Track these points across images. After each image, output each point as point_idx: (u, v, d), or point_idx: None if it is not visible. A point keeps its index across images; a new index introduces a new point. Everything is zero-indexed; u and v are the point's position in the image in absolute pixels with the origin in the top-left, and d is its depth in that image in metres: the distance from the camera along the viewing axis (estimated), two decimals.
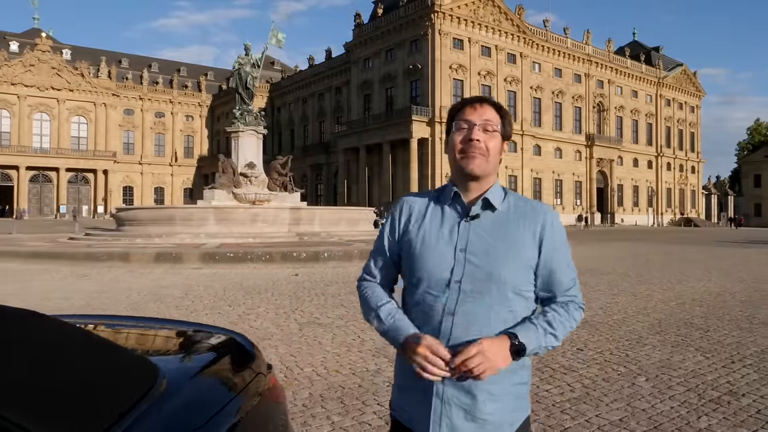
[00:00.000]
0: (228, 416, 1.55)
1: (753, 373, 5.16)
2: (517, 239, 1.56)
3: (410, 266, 1.62)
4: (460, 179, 1.63)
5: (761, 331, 7.02)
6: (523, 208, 1.61)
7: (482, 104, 1.64)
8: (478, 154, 1.58)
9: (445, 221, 1.60)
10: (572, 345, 6.15)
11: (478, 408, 1.52)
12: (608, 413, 4.08)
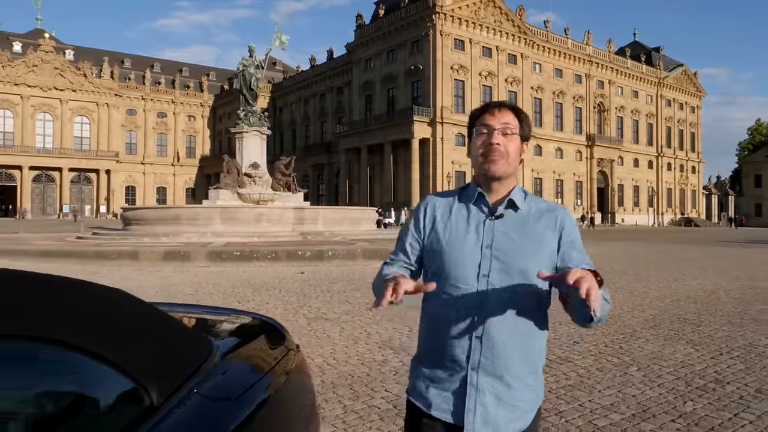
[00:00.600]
0: (267, 383, 1.86)
1: (739, 364, 5.46)
2: (540, 235, 1.65)
3: (438, 262, 1.68)
4: (484, 181, 1.71)
5: (751, 326, 7.31)
6: (541, 208, 1.71)
7: (501, 109, 1.72)
8: (498, 158, 1.66)
9: (470, 219, 1.68)
10: (569, 338, 6.45)
11: (511, 393, 1.60)
12: (600, 399, 4.38)
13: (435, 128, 53.01)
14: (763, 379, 4.96)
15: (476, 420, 1.59)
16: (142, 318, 1.54)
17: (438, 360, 1.66)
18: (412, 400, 1.72)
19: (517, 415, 1.62)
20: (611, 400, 4.36)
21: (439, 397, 1.66)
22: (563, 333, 6.76)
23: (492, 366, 1.61)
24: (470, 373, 1.61)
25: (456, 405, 1.63)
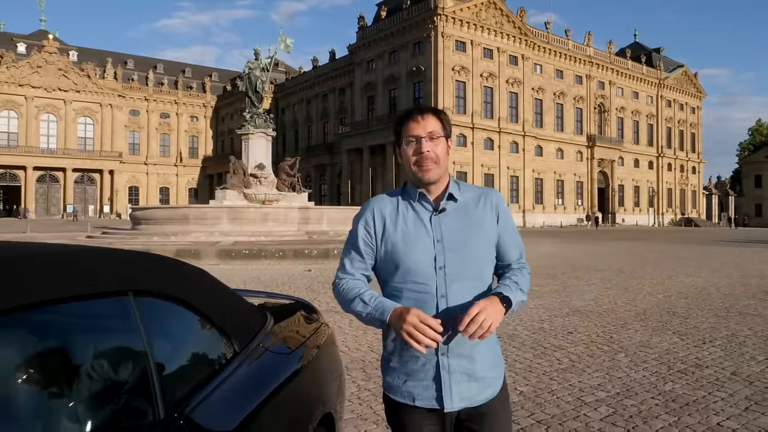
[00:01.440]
0: (308, 345, 2.32)
1: (719, 351, 5.92)
2: (481, 218, 1.80)
3: (394, 261, 1.75)
4: (420, 185, 1.80)
5: (735, 319, 7.77)
6: (477, 193, 1.85)
7: (423, 115, 1.80)
8: (432, 165, 1.76)
9: (418, 217, 1.77)
10: (563, 329, 6.91)
11: (477, 370, 1.75)
12: (589, 380, 4.84)
13: None
14: (740, 364, 5.42)
15: (453, 399, 1.73)
16: (223, 291, 2.00)
17: (408, 354, 1.73)
18: (392, 396, 1.79)
19: (485, 385, 1.77)
20: (599, 381, 4.82)
21: (419, 387, 1.74)
22: (558, 325, 7.22)
23: (459, 347, 1.72)
24: (441, 359, 1.71)
25: (435, 390, 1.73)
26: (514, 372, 5.02)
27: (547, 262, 16.23)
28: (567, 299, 9.34)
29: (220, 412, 1.53)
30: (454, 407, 1.73)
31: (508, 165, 58.74)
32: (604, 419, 3.92)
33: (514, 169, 59.52)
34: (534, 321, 7.40)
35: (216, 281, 1.99)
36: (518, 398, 4.30)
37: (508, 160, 58.93)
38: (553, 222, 60.99)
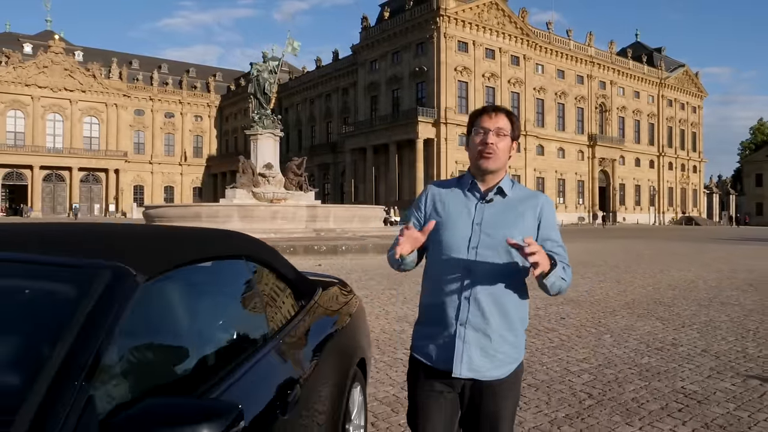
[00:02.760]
0: (347, 309, 3.02)
1: (696, 333, 6.60)
2: (522, 213, 1.96)
3: (436, 235, 1.95)
4: (478, 173, 1.99)
5: (716, 307, 8.45)
6: (526, 193, 2.03)
7: (497, 113, 1.99)
8: (492, 156, 1.95)
9: (465, 202, 1.97)
10: (557, 315, 7.60)
11: (492, 345, 1.90)
12: (576, 355, 5.54)
13: (439, 129, 54.14)
14: (711, 343, 6.11)
15: (462, 367, 1.89)
16: (290, 264, 2.70)
17: (435, 319, 1.94)
18: (417, 356, 2.01)
19: (496, 365, 1.91)
20: (584, 355, 5.52)
21: (436, 350, 1.93)
22: (552, 312, 7.91)
23: (478, 322, 1.88)
24: (459, 329, 1.89)
25: (446, 354, 1.91)
26: None
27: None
28: None
29: (301, 340, 2.23)
30: (462, 374, 1.89)
31: (509, 164, 58.91)
32: (585, 384, 4.61)
33: (516, 168, 60.13)
34: (530, 308, 8.06)
35: (284, 258, 2.68)
36: None
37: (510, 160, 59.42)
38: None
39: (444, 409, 1.96)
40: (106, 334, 1.20)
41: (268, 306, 2.19)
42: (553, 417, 3.86)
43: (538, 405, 4.11)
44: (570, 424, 3.74)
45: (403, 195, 56.52)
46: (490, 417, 1.93)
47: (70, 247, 1.60)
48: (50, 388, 1.04)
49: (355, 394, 2.85)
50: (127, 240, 1.77)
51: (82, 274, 1.34)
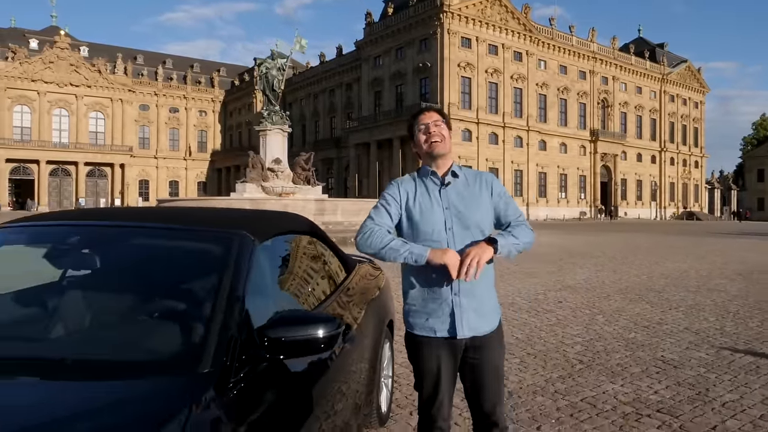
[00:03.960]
0: (378, 280, 3.68)
1: (681, 315, 7.25)
2: (478, 194, 2.30)
3: (415, 225, 2.26)
4: (431, 161, 2.32)
5: (703, 293, 9.09)
6: (474, 175, 2.38)
7: (429, 111, 2.38)
8: (439, 139, 2.29)
9: (430, 191, 2.28)
10: (555, 299, 8.26)
11: (482, 306, 2.27)
12: (570, 331, 6.19)
13: None
14: (693, 322, 6.76)
15: (464, 328, 2.23)
16: (334, 242, 3.35)
17: (430, 297, 2.24)
18: (417, 332, 2.27)
19: (487, 320, 2.29)
20: (578, 331, 6.18)
21: (438, 322, 2.24)
22: (551, 296, 8.56)
23: (468, 289, 2.22)
24: (454, 298, 2.22)
25: (450, 323, 2.23)
26: (512, 326, 6.36)
27: (546, 250, 17.54)
28: (561, 278, 10.69)
29: (351, 299, 2.90)
30: (465, 335, 2.23)
31: (512, 159, 59.94)
32: (577, 353, 5.27)
33: (518, 163, 60.70)
34: (530, 294, 8.75)
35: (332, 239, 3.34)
36: (515, 341, 5.65)
37: (512, 155, 60.12)
38: (556, 215, 62.17)
39: (449, 369, 2.28)
40: (246, 272, 1.87)
41: (328, 270, 2.85)
42: (548, 377, 4.52)
43: (536, 368, 4.77)
44: (562, 382, 4.40)
45: None
46: (490, 367, 2.28)
47: (211, 221, 2.28)
48: (226, 305, 1.69)
49: (386, 348, 3.52)
50: (240, 218, 2.42)
51: (225, 238, 2.00)
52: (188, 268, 2.04)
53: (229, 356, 1.54)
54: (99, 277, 2.09)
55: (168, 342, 1.68)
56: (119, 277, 2.06)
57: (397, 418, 3.65)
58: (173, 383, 1.41)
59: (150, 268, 2.05)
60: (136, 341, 1.73)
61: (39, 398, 1.33)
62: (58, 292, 2.08)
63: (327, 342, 1.67)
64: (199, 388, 1.41)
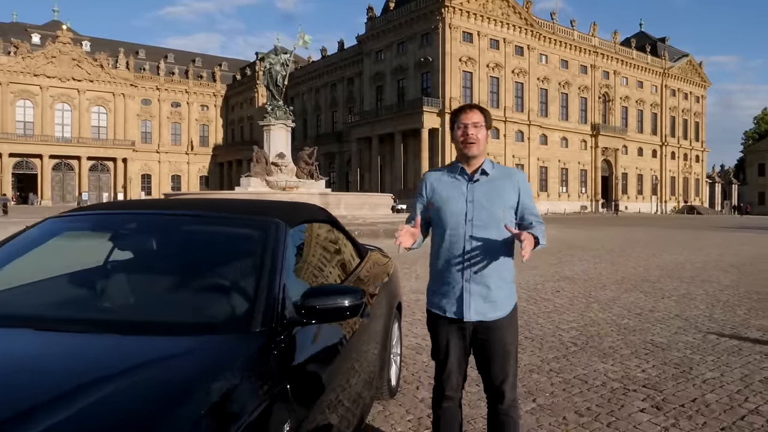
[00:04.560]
0: (387, 267, 4.02)
1: (672, 303, 7.59)
2: (504, 190, 2.45)
3: (439, 215, 2.46)
4: (463, 159, 2.47)
5: (696, 284, 9.43)
6: (505, 172, 2.53)
7: (471, 110, 2.48)
8: (473, 143, 2.43)
9: (457, 185, 2.46)
10: (553, 289, 8.60)
11: (491, 294, 2.43)
12: (566, 317, 6.54)
13: (444, 119, 54.85)
14: (684, 310, 7.10)
15: (471, 313, 2.43)
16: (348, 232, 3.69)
17: (444, 280, 2.47)
18: (433, 310, 2.55)
19: (496, 307, 2.46)
20: (573, 318, 6.52)
21: (448, 303, 2.46)
22: (549, 287, 8.91)
23: (478, 278, 2.41)
24: (464, 284, 2.42)
25: (458, 306, 2.44)
26: None
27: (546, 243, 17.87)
28: (559, 270, 11.03)
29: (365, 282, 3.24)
30: (471, 318, 2.43)
31: (513, 153, 60.18)
32: (572, 337, 5.62)
33: (519, 157, 60.93)
34: (530, 284, 9.09)
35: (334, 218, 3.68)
36: None
37: (514, 149, 60.37)
38: (557, 209, 62.46)
39: (458, 346, 2.50)
40: (282, 253, 2.21)
41: (345, 254, 3.19)
42: (544, 357, 4.87)
43: (533, 350, 5.11)
44: (557, 362, 4.75)
45: (408, 184, 57.43)
46: (498, 349, 2.47)
47: (249, 210, 2.63)
48: (268, 286, 2.02)
49: (395, 328, 3.86)
50: (273, 207, 2.76)
51: (264, 224, 2.34)
52: (235, 249, 2.39)
53: (274, 320, 1.89)
54: (164, 258, 2.46)
55: (228, 308, 2.04)
56: (181, 257, 2.43)
57: (405, 392, 3.99)
58: (235, 338, 1.76)
59: (205, 249, 2.41)
60: (205, 307, 2.09)
61: (144, 348, 1.69)
62: (134, 270, 2.45)
63: (352, 310, 2.01)
64: (254, 342, 1.76)
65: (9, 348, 1.73)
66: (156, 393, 1.42)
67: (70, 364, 1.59)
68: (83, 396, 1.37)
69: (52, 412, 1.30)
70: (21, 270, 2.36)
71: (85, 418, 1.30)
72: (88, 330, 1.85)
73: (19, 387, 1.45)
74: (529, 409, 3.64)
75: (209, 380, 1.51)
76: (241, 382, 1.58)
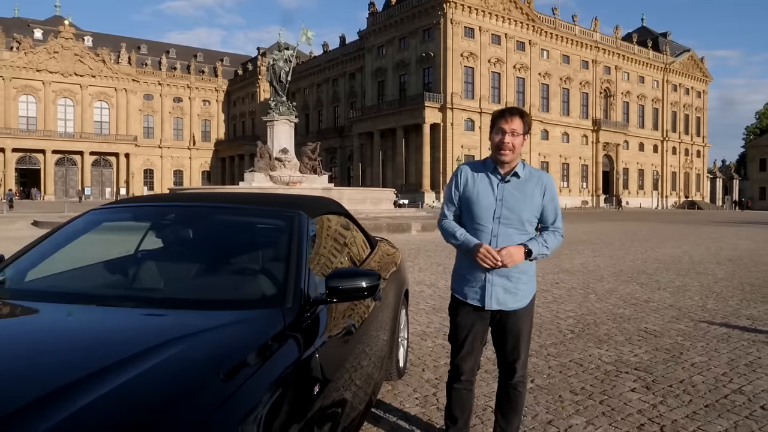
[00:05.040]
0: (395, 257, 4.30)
1: (667, 294, 7.86)
2: (531, 192, 2.61)
3: (469, 208, 2.62)
4: (498, 162, 2.61)
5: (692, 276, 9.70)
6: (534, 174, 2.66)
7: (512, 116, 2.56)
8: (508, 152, 2.55)
9: (489, 182, 2.60)
10: (552, 281, 8.87)
11: (513, 286, 2.62)
12: (564, 307, 6.81)
13: (445, 114, 55.11)
14: (678, 300, 7.37)
15: (492, 302, 2.63)
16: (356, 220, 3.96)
17: (469, 270, 2.66)
18: (456, 295, 2.74)
19: (517, 299, 2.66)
20: (571, 307, 6.80)
21: (471, 291, 2.66)
22: (549, 279, 9.17)
23: (501, 270, 2.58)
24: (487, 275, 2.61)
25: (481, 295, 2.64)
26: None
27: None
28: (559, 263, 11.30)
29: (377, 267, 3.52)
30: (492, 307, 2.64)
31: None
32: (569, 325, 5.89)
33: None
34: None
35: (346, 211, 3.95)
36: None
37: None
38: None
39: (476, 331, 2.70)
40: (306, 240, 2.48)
41: (358, 243, 3.47)
42: (542, 344, 5.15)
43: (531, 337, 5.37)
44: (554, 347, 5.02)
45: (410, 179, 57.69)
46: (513, 334, 2.69)
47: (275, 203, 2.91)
48: (295, 269, 2.30)
49: (403, 314, 4.13)
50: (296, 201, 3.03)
51: (290, 215, 2.61)
52: (266, 236, 2.70)
53: (302, 297, 2.16)
54: (205, 245, 2.75)
55: (265, 287, 2.35)
56: (220, 244, 2.73)
57: (412, 374, 4.27)
58: (272, 312, 2.04)
59: (241, 237, 2.71)
60: (247, 287, 2.40)
61: (196, 320, 1.98)
62: (173, 257, 2.75)
63: (370, 290, 2.28)
64: (288, 315, 2.03)
65: (89, 319, 2.04)
66: (218, 349, 1.74)
67: (151, 331, 1.91)
68: (170, 348, 1.68)
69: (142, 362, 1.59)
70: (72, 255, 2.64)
71: (180, 361, 1.65)
72: (155, 306, 2.17)
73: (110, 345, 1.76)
74: (527, 389, 3.92)
75: (260, 341, 1.82)
76: (281, 346, 1.87)
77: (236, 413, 1.51)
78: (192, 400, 1.48)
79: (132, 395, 1.49)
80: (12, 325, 2.10)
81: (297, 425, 1.72)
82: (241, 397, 1.56)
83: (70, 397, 1.44)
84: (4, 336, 1.95)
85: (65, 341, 1.88)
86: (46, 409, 1.39)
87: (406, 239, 16.00)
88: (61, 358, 1.73)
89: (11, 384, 1.54)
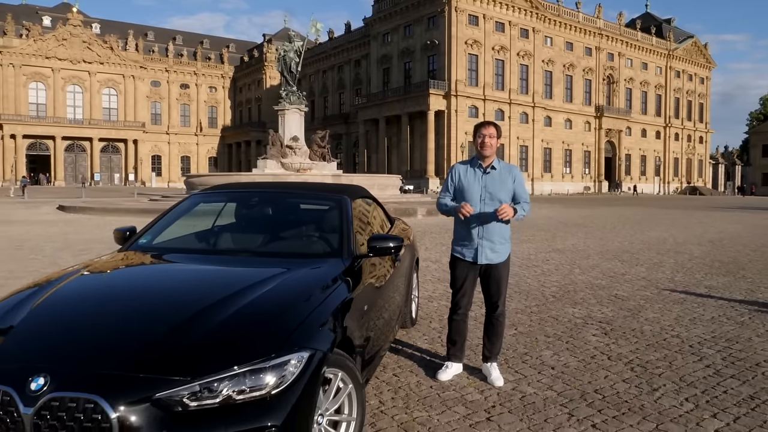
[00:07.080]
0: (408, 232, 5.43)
1: (643, 269, 8.98)
2: (505, 180, 3.76)
3: (462, 194, 3.77)
4: (480, 157, 3.77)
5: (670, 255, 10.80)
6: (506, 167, 3.83)
7: (489, 125, 3.78)
8: (488, 148, 3.72)
9: (475, 174, 3.76)
10: (543, 259, 9.99)
11: (496, 246, 3.79)
12: (551, 278, 7.95)
13: (450, 101, 55.96)
14: (651, 274, 8.48)
15: (482, 258, 3.80)
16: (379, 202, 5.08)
17: (465, 237, 3.83)
18: (456, 254, 3.91)
19: (499, 256, 3.83)
20: (556, 278, 7.93)
21: (467, 250, 3.84)
22: (540, 257, 10.30)
23: (488, 237, 3.79)
24: (478, 241, 3.81)
25: (474, 254, 3.81)
26: None
27: (544, 221, 19.24)
28: (552, 244, 12.41)
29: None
30: (482, 262, 3.81)
31: (517, 135, 61.24)
32: (552, 292, 7.03)
33: (524, 139, 61.99)
34: (524, 254, 10.48)
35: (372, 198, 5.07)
36: None
37: (518, 131, 61.41)
38: (560, 190, 63.68)
39: (470, 279, 3.88)
40: (351, 216, 3.60)
41: (383, 220, 4.61)
42: (527, 305, 6.28)
43: (520, 300, 6.53)
44: (537, 307, 6.16)
45: (415, 165, 58.69)
46: (496, 280, 3.86)
47: (326, 189, 4.04)
48: (347, 234, 3.42)
49: (414, 277, 5.28)
50: (339, 188, 4.15)
51: (336, 199, 3.74)
52: (325, 212, 3.82)
53: (353, 253, 3.29)
54: (282, 218, 3.91)
55: (331, 246, 3.46)
56: (294, 217, 3.86)
57: (422, 324, 5.41)
58: (337, 261, 3.17)
59: (309, 213, 3.85)
60: (316, 246, 3.56)
61: (289, 265, 3.11)
62: (263, 226, 3.89)
63: (396, 249, 3.40)
64: (346, 263, 3.17)
65: (220, 264, 3.20)
66: (311, 280, 2.88)
67: (264, 269, 3.03)
68: (279, 278, 2.81)
69: (265, 285, 2.72)
70: (186, 227, 3.79)
71: (287, 285, 2.78)
72: (261, 256, 3.32)
73: (239, 277, 2.90)
74: (511, 334, 5.06)
75: (331, 276, 2.96)
76: (342, 281, 3.00)
77: (322, 316, 2.63)
78: (296, 307, 2.61)
79: (264, 303, 2.61)
80: (166, 268, 3.25)
81: (356, 323, 2.86)
82: (324, 306, 2.69)
83: (232, 302, 2.56)
84: (164, 273, 3.10)
85: (208, 275, 3.02)
86: (223, 306, 2.52)
87: (413, 222, 17.04)
88: (212, 283, 2.87)
89: (194, 295, 2.69)
